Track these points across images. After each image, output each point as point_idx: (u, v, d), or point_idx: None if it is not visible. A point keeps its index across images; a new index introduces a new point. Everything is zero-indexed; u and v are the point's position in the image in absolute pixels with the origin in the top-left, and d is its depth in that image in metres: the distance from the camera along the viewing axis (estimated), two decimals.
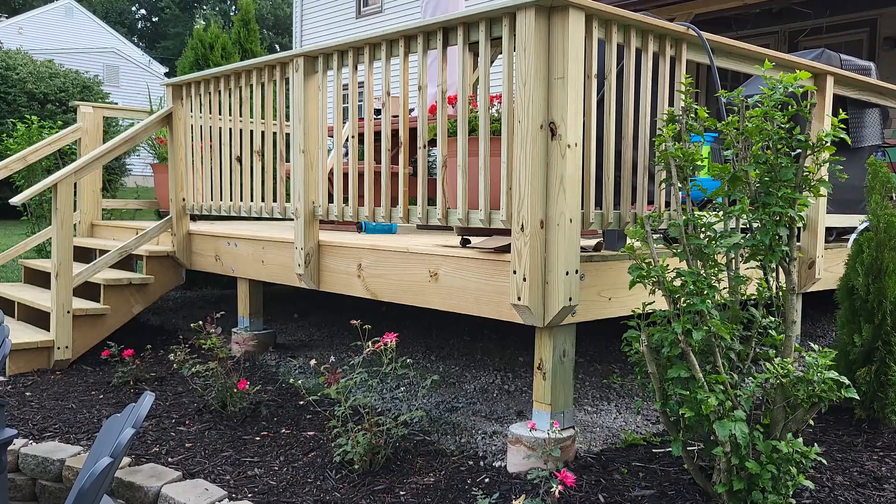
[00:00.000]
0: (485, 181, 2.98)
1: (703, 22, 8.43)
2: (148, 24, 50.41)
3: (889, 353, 3.42)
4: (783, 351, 2.70)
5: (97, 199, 6.30)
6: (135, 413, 1.52)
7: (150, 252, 5.18)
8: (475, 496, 2.73)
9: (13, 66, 12.88)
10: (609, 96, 3.04)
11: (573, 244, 2.80)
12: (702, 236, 2.68)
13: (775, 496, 2.42)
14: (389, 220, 3.45)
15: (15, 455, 3.23)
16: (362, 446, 3.00)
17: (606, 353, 4.80)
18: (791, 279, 2.76)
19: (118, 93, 24.69)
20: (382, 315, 5.78)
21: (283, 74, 4.18)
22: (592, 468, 2.95)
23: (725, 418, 2.40)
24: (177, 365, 3.99)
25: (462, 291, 3.22)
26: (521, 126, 2.75)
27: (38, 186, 4.65)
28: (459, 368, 4.43)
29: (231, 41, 7.38)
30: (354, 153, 3.71)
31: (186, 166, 5.12)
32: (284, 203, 4.25)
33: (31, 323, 5.06)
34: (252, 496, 2.84)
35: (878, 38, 8.79)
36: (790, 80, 2.67)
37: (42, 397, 4.03)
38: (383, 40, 3.40)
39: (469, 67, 3.08)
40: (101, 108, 6.46)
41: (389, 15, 16.99)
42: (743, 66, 3.60)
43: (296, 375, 4.37)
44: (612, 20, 2.97)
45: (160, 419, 3.70)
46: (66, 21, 30.78)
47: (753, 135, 2.69)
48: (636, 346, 2.63)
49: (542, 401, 2.96)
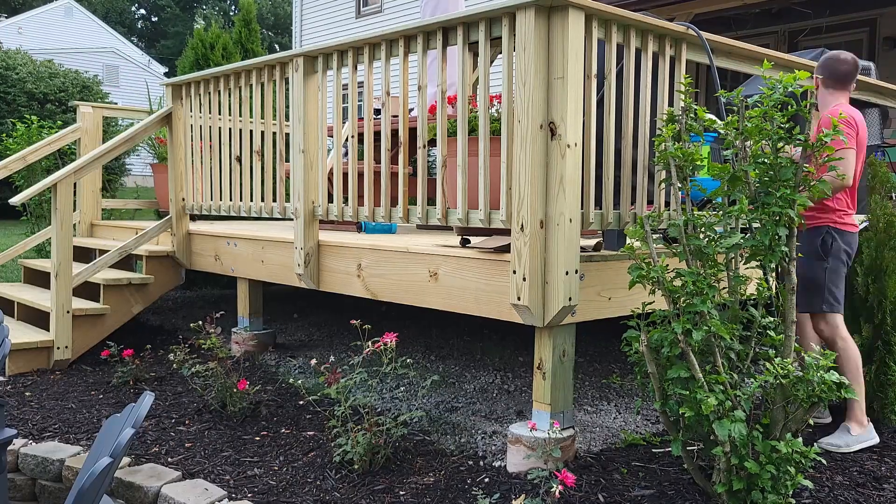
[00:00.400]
0: (484, 181, 2.98)
1: (703, 22, 8.42)
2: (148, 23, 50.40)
3: (889, 352, 3.42)
4: (783, 351, 2.70)
5: (97, 198, 6.30)
6: (134, 413, 1.52)
7: (149, 252, 5.18)
8: (475, 496, 2.73)
9: (13, 65, 12.88)
10: (609, 96, 3.04)
11: (573, 244, 2.80)
12: (701, 236, 2.69)
13: (775, 496, 2.42)
14: (389, 220, 3.45)
15: (15, 455, 3.23)
16: (362, 446, 2.99)
17: (606, 353, 4.80)
18: (791, 279, 2.76)
19: (118, 93, 24.67)
20: (382, 315, 5.78)
21: (282, 74, 4.18)
22: (592, 468, 2.95)
23: (725, 418, 2.40)
24: (176, 365, 3.99)
25: (462, 291, 3.22)
26: (521, 126, 2.75)
27: (38, 186, 4.65)
28: (459, 368, 4.43)
29: (232, 41, 7.38)
30: (354, 153, 3.71)
31: (186, 166, 5.12)
32: (284, 203, 4.25)
33: (31, 323, 5.06)
34: (252, 496, 2.84)
35: (877, 38, 8.79)
36: (790, 80, 2.68)
37: (42, 397, 4.03)
38: (383, 40, 3.40)
39: (469, 67, 3.08)
40: (101, 108, 6.46)
41: (389, 15, 16.98)
42: (743, 66, 3.60)
43: (295, 375, 4.37)
44: (611, 20, 2.97)
45: (160, 419, 3.70)
46: (66, 21, 30.76)
47: (753, 135, 2.69)
48: (636, 346, 2.63)
49: (541, 401, 2.96)
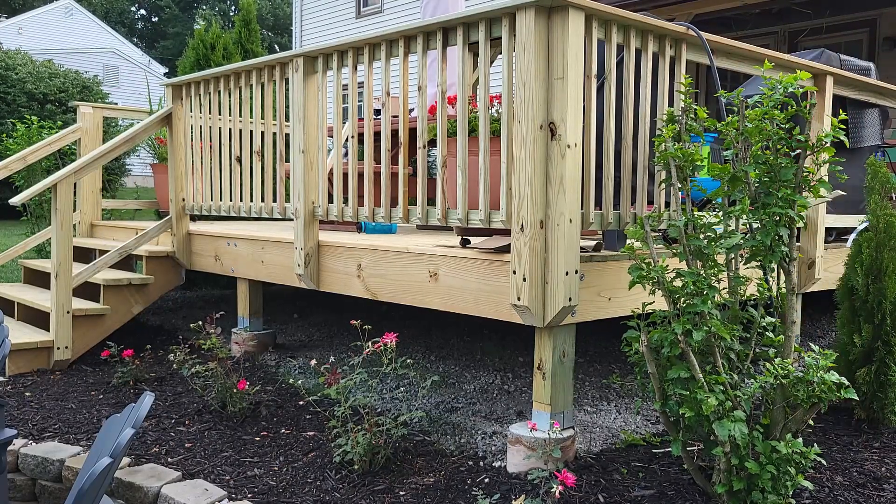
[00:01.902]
0: (484, 181, 2.98)
1: (703, 22, 8.43)
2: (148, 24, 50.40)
3: (889, 353, 3.42)
4: (783, 351, 2.70)
5: (97, 199, 6.30)
6: (134, 413, 1.52)
7: (149, 252, 5.18)
8: (475, 496, 2.73)
9: (13, 66, 12.88)
10: (609, 96, 3.04)
11: (573, 244, 2.80)
12: (701, 237, 2.69)
13: (775, 496, 2.42)
14: (389, 221, 3.45)
15: (15, 455, 3.23)
16: (362, 446, 2.99)
17: (606, 353, 4.80)
18: (791, 279, 2.76)
19: (118, 93, 24.69)
20: (382, 315, 5.78)
21: (282, 74, 4.18)
22: (592, 468, 2.95)
23: (725, 418, 2.40)
24: (176, 365, 3.99)
25: (462, 292, 3.22)
26: (521, 126, 2.75)
27: (38, 186, 4.65)
28: (459, 368, 4.43)
29: (232, 41, 7.38)
30: (354, 153, 3.71)
31: (186, 166, 5.12)
32: (284, 203, 4.25)
33: (31, 323, 5.06)
34: (252, 496, 2.84)
35: (877, 38, 8.79)
36: (790, 81, 2.67)
37: (42, 397, 4.03)
38: (383, 40, 3.40)
39: (469, 67, 3.08)
40: (101, 109, 6.46)
41: (389, 15, 16.99)
42: (743, 67, 3.60)
43: (295, 375, 4.37)
44: (611, 20, 2.97)
45: (160, 419, 3.70)
46: (66, 21, 30.76)
47: (753, 135, 2.69)
48: (636, 346, 2.63)
49: (541, 401, 2.96)
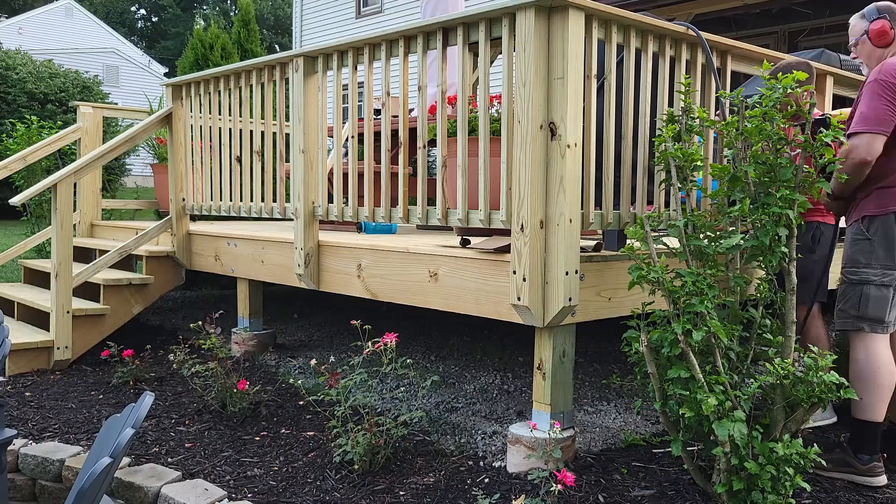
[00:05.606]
0: (484, 181, 2.98)
1: (703, 22, 8.43)
2: (148, 24, 50.41)
3: None
4: (783, 351, 2.70)
5: (97, 199, 6.30)
6: (134, 413, 1.52)
7: (149, 252, 5.18)
8: (475, 496, 2.73)
9: (13, 66, 12.88)
10: (609, 96, 3.04)
11: (573, 244, 2.80)
12: (701, 237, 2.69)
13: (775, 496, 2.42)
14: (389, 221, 3.45)
15: (15, 455, 3.23)
16: (362, 446, 3.00)
17: (606, 353, 4.81)
18: (791, 279, 2.76)
19: (118, 93, 24.69)
20: (382, 315, 5.78)
21: (282, 74, 4.18)
22: (592, 468, 2.95)
23: (725, 418, 2.40)
24: (176, 365, 3.99)
25: (462, 292, 3.22)
26: (521, 126, 2.75)
27: (38, 186, 4.65)
28: (459, 369, 4.43)
29: (231, 41, 7.38)
30: (354, 153, 3.71)
31: (186, 166, 5.12)
32: (284, 203, 4.25)
33: (31, 323, 5.06)
34: (252, 496, 2.84)
35: None
36: (789, 81, 2.68)
37: (42, 397, 4.03)
38: (383, 40, 3.40)
39: (469, 67, 3.08)
40: (101, 109, 6.46)
41: (389, 15, 16.99)
42: (742, 67, 3.60)
43: (295, 375, 4.37)
44: (611, 20, 2.97)
45: (160, 419, 3.70)
46: (66, 21, 30.77)
47: (753, 135, 2.69)
48: (636, 346, 2.63)
49: (541, 401, 2.96)
